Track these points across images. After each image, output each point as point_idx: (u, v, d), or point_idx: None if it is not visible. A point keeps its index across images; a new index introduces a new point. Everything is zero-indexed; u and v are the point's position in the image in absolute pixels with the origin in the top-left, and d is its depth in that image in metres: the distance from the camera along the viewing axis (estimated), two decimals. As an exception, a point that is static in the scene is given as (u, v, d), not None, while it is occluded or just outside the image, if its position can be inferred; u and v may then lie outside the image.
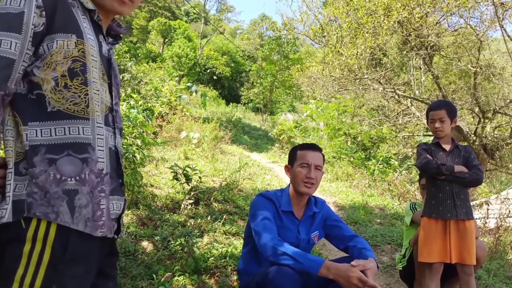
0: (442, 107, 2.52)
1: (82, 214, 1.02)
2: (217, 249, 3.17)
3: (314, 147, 2.09)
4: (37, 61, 1.03)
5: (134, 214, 3.67)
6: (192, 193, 4.26)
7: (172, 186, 4.83)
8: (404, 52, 9.44)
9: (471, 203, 2.64)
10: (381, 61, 11.54)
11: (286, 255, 1.72)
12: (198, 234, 3.44)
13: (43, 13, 1.02)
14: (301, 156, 2.05)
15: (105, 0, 1.15)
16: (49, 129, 1.03)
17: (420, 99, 9.06)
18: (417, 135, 10.09)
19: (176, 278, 2.59)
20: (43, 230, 0.98)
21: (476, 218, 2.55)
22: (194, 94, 12.51)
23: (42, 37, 1.03)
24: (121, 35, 1.30)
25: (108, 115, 1.16)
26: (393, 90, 9.12)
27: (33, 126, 1.02)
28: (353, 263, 1.68)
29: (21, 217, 0.97)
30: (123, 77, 10.40)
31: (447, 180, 2.46)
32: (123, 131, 1.31)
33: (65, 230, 1.00)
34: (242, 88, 28.72)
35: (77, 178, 1.03)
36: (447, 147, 2.55)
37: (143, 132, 4.59)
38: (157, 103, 10.55)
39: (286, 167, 2.14)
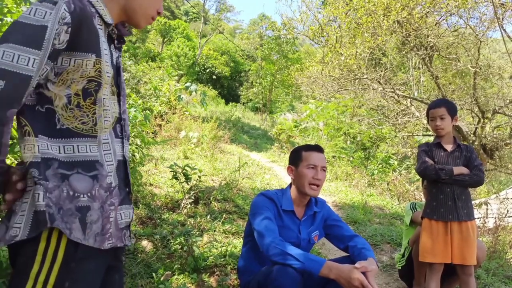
0: (442, 104, 2.51)
1: (93, 230, 1.03)
2: (216, 248, 3.17)
3: (318, 149, 2.09)
4: (52, 75, 1.01)
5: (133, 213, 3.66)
6: (191, 192, 4.25)
7: (172, 185, 4.83)
8: (404, 52, 9.45)
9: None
10: (381, 61, 11.55)
11: (288, 255, 1.72)
12: (197, 233, 3.43)
13: (69, 29, 0.99)
14: (306, 158, 2.04)
15: (141, 20, 1.19)
16: (58, 146, 1.02)
17: (420, 99, 9.07)
18: (417, 135, 10.09)
19: (175, 277, 2.59)
20: (57, 230, 0.99)
21: (475, 218, 2.54)
22: (193, 93, 12.49)
23: (60, 52, 1.00)
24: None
25: (116, 126, 1.15)
26: (392, 90, 9.13)
27: (43, 139, 1.00)
28: (356, 265, 1.69)
29: (42, 230, 0.96)
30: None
31: (447, 182, 2.45)
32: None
33: None
34: (241, 88, 28.69)
35: (89, 194, 1.04)
36: (449, 147, 2.53)
37: (142, 131, 4.59)
38: (156, 102, 10.55)
39: (289, 167, 2.13)
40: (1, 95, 0.90)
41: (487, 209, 5.92)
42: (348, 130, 11.66)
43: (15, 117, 0.97)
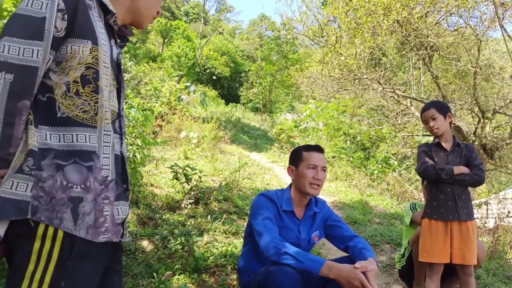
0: (430, 106, 2.54)
1: (85, 222, 1.03)
2: (217, 248, 3.17)
3: (319, 149, 2.09)
4: (53, 65, 1.03)
5: (134, 213, 3.67)
6: (192, 193, 4.26)
7: (172, 186, 4.84)
8: (404, 52, 9.45)
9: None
10: (380, 61, 11.55)
11: (288, 255, 1.72)
12: (198, 233, 3.44)
13: (65, 16, 1.00)
14: (307, 158, 2.04)
15: (144, 21, 1.24)
16: (58, 134, 1.03)
17: (420, 99, 9.07)
18: (417, 135, 10.10)
19: (176, 277, 2.59)
20: (52, 228, 1.00)
21: (475, 218, 2.54)
22: (194, 94, 12.52)
23: (60, 41, 1.02)
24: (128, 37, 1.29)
25: (115, 121, 1.16)
26: (392, 90, 9.13)
27: (42, 129, 1.02)
28: (356, 265, 1.69)
29: (19, 218, 0.96)
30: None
31: (448, 182, 2.46)
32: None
33: None
34: (241, 88, 28.70)
35: (83, 185, 1.03)
36: (448, 146, 2.53)
37: (143, 132, 4.60)
38: (156, 103, 10.57)
39: (289, 168, 2.13)
40: (11, 87, 0.94)
41: (487, 209, 5.92)
42: (348, 130, 11.66)
43: None
